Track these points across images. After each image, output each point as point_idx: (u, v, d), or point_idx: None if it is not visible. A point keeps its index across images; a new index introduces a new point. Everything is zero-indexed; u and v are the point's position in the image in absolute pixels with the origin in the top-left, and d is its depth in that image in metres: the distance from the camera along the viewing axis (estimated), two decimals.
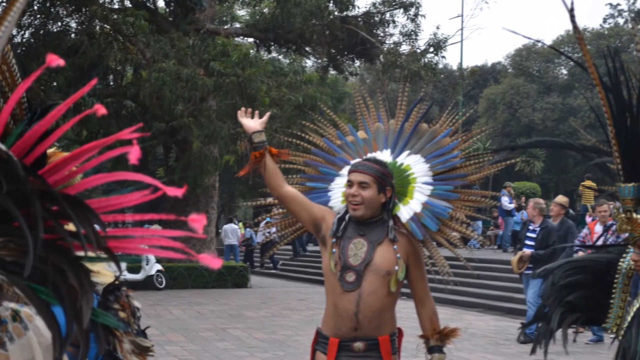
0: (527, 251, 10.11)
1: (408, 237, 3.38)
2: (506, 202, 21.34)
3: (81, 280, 1.03)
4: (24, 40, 17.32)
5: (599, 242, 7.75)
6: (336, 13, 19.07)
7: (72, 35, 17.97)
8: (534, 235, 10.22)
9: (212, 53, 16.62)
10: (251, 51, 18.37)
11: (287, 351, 9.26)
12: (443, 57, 20.97)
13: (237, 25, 24.50)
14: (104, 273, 2.17)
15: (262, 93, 16.48)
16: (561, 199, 10.99)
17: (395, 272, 3.28)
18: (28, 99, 1.51)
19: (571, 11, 2.73)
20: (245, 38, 21.02)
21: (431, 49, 20.05)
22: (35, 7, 17.06)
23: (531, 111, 45.98)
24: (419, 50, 20.02)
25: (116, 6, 18.71)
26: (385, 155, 3.68)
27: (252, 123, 3.49)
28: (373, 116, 3.92)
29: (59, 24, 17.88)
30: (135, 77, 18.99)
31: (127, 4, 18.82)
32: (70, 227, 1.00)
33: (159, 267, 16.75)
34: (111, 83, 19.48)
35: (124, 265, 13.88)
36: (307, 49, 20.84)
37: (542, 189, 36.75)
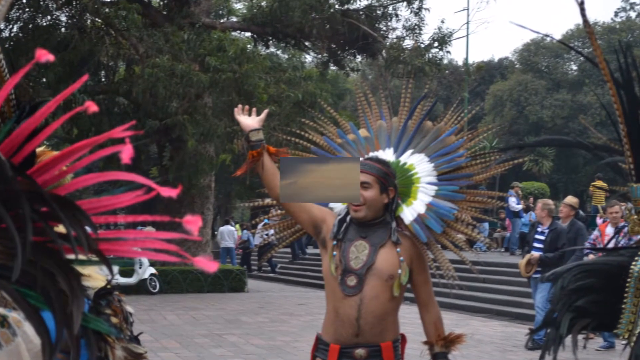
0: (536, 254, 10.04)
1: (411, 239, 3.31)
2: (514, 203, 21.37)
3: (71, 284, 1.01)
4: (12, 34, 17.14)
5: (610, 245, 7.68)
6: (337, 6, 18.88)
7: (62, 29, 17.80)
8: (542, 238, 10.15)
9: (208, 48, 16.51)
10: (248, 46, 18.30)
11: (286, 358, 9.20)
12: (448, 52, 20.83)
13: (234, 19, 24.36)
14: (95, 277, 2.14)
15: (259, 89, 16.41)
16: (571, 199, 10.91)
17: (398, 276, 3.21)
18: (16, 95, 1.50)
19: (581, 4, 2.70)
20: (242, 32, 20.98)
21: (436, 44, 19.79)
22: (24, 0, 16.93)
23: (540, 108, 45.94)
24: (423, 45, 19.80)
25: None
26: (387, 154, 3.62)
27: (249, 121, 3.43)
28: (375, 113, 3.86)
29: (49, 17, 17.73)
30: (128, 73, 18.93)
31: None
32: (61, 229, 0.99)
33: (152, 270, 16.65)
34: (103, 79, 19.42)
35: (116, 268, 13.86)
36: (306, 43, 20.66)
37: (551, 190, 36.72)
